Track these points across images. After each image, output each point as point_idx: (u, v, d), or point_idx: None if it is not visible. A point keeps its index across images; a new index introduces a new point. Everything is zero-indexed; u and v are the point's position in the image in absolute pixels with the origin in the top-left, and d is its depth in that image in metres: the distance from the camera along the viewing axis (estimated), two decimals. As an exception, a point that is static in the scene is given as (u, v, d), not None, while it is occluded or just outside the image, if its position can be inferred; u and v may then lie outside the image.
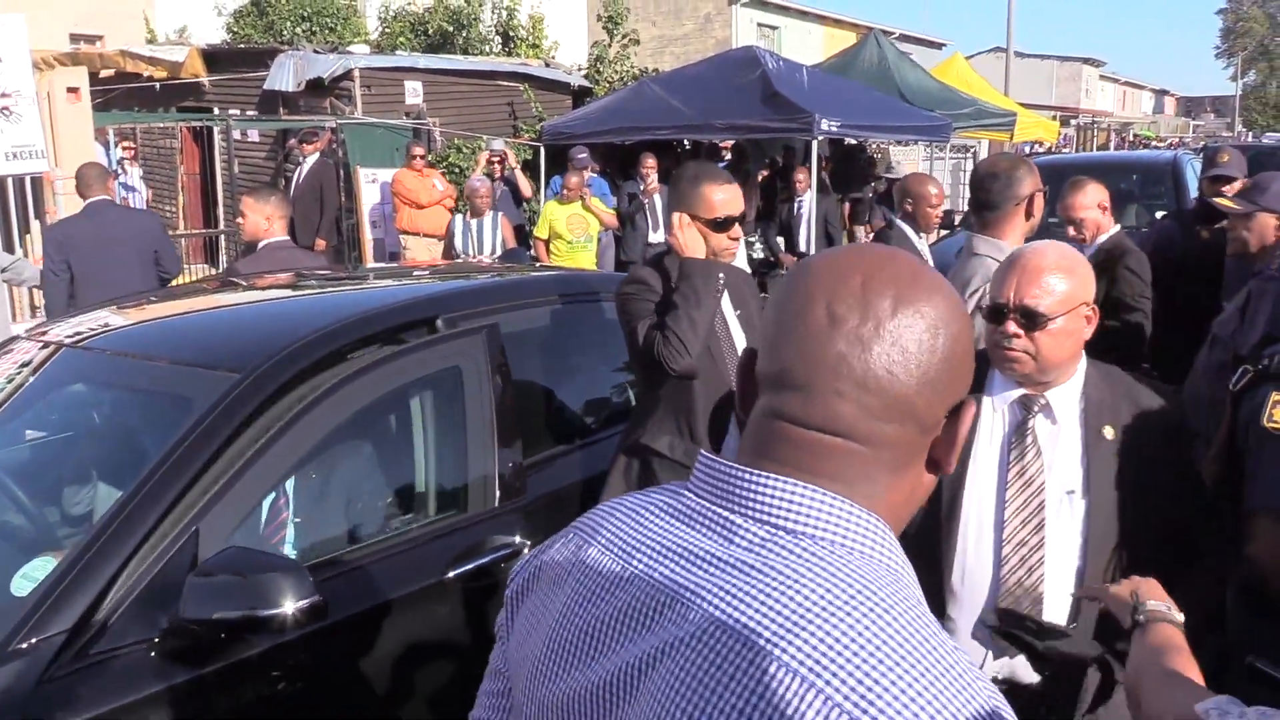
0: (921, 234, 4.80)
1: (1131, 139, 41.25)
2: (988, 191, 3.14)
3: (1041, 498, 2.00)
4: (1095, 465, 2.01)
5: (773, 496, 0.89)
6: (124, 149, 10.86)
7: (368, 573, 2.46)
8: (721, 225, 2.95)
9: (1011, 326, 1.99)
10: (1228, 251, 3.75)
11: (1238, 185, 5.01)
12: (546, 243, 8.26)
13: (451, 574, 2.57)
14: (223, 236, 10.32)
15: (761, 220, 11.61)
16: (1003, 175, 3.15)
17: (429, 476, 2.78)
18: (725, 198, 2.95)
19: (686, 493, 0.96)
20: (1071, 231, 4.19)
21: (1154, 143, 40.05)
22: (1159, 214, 8.34)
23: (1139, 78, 72.02)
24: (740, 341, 3.17)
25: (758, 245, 10.68)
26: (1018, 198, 3.12)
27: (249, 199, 4.81)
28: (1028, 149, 25.38)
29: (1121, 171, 9.13)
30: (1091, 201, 4.16)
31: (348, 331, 2.69)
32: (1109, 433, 2.03)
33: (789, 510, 0.89)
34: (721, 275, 2.96)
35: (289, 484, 2.52)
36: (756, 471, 0.91)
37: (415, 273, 4.22)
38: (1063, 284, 1.98)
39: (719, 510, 0.92)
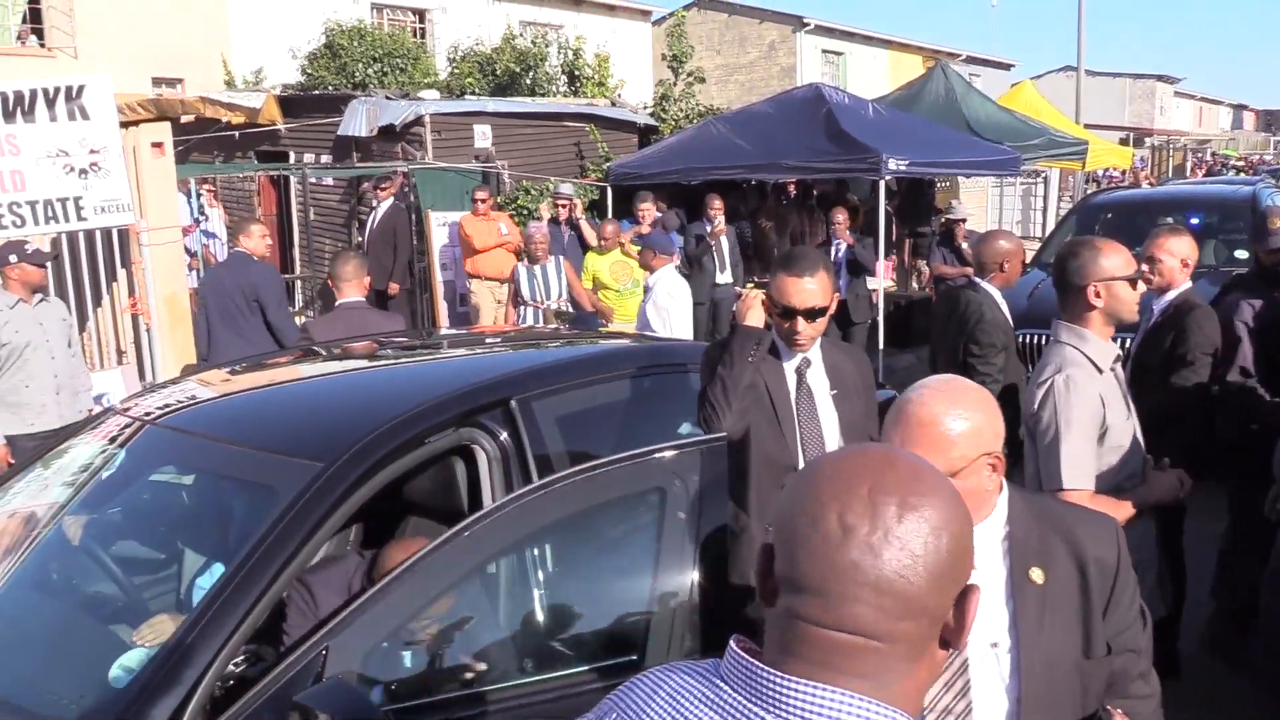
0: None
1: (1209, 158, 40.21)
2: (1062, 271, 3.06)
3: (963, 655, 1.71)
4: (1022, 613, 1.74)
5: (801, 700, 0.97)
6: (206, 190, 11.22)
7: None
8: (786, 314, 2.99)
9: None
10: None
11: None
12: (594, 292, 8.26)
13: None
14: (299, 281, 10.57)
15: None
16: (1078, 255, 3.04)
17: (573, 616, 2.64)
18: (800, 289, 2.99)
19: (723, 686, 1.03)
20: (1146, 269, 4.14)
21: (1234, 160, 39.00)
22: (1238, 252, 8.14)
23: (1215, 93, 70.35)
24: (829, 421, 3.16)
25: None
26: (1089, 280, 2.98)
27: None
28: (1102, 175, 24.92)
29: (1197, 207, 8.91)
30: (1178, 251, 4.15)
31: (425, 417, 2.73)
32: (1037, 575, 1.76)
33: (817, 712, 0.96)
34: (760, 340, 3.05)
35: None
36: (785, 676, 0.98)
37: (487, 340, 4.27)
38: (960, 437, 1.72)
39: (754, 709, 0.99)
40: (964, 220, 9.27)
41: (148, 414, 3.07)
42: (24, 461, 3.45)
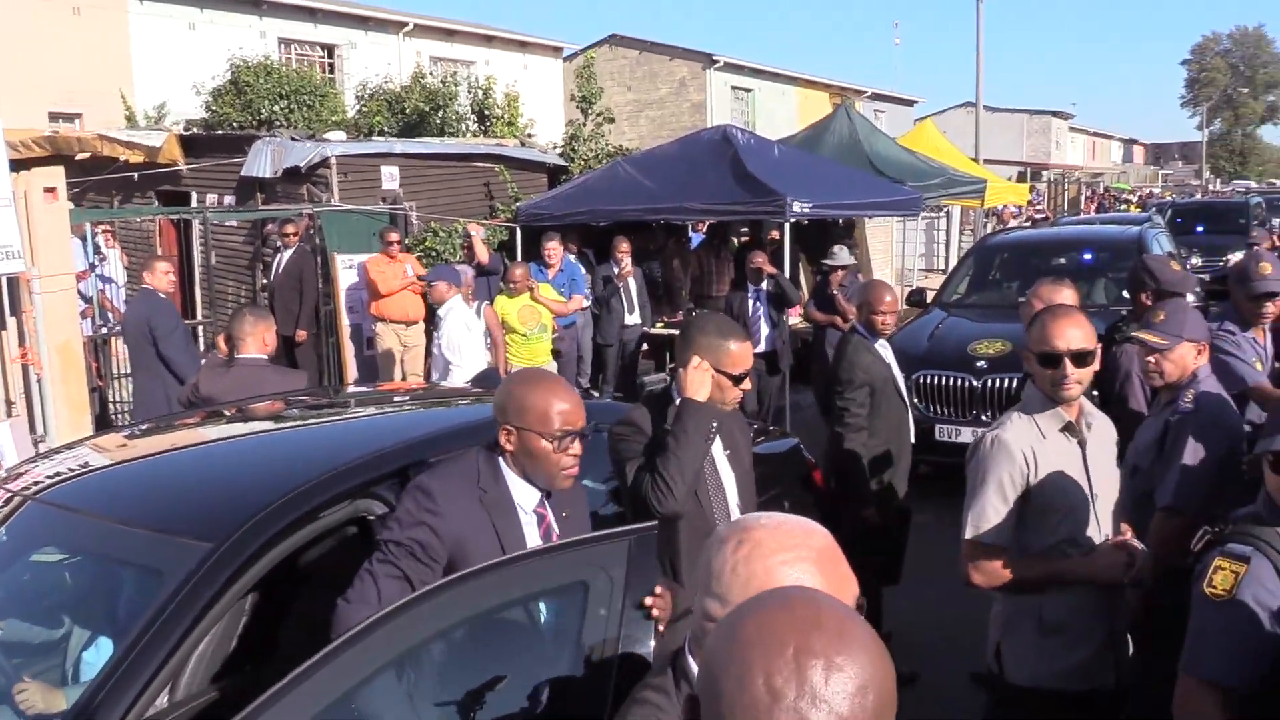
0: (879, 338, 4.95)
1: (1102, 192, 41.90)
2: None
3: None
4: None
5: None
6: (102, 231, 10.91)
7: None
8: (738, 379, 3.09)
9: None
10: (1149, 382, 3.79)
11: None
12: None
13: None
14: (201, 326, 10.33)
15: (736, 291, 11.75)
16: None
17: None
18: (746, 353, 3.11)
19: None
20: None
21: (1126, 195, 40.68)
22: (1126, 292, 8.50)
23: (1108, 128, 73.44)
24: (729, 482, 3.22)
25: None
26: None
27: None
28: (1001, 211, 25.79)
29: (1086, 248, 9.29)
30: (1050, 299, 4.37)
31: (319, 490, 2.71)
32: None
33: None
34: (716, 422, 3.07)
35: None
36: None
37: (397, 398, 4.23)
38: None
39: None
40: (845, 268, 9.00)
41: (31, 486, 2.98)
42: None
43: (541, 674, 2.29)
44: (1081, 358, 2.78)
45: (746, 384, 3.16)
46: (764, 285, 8.67)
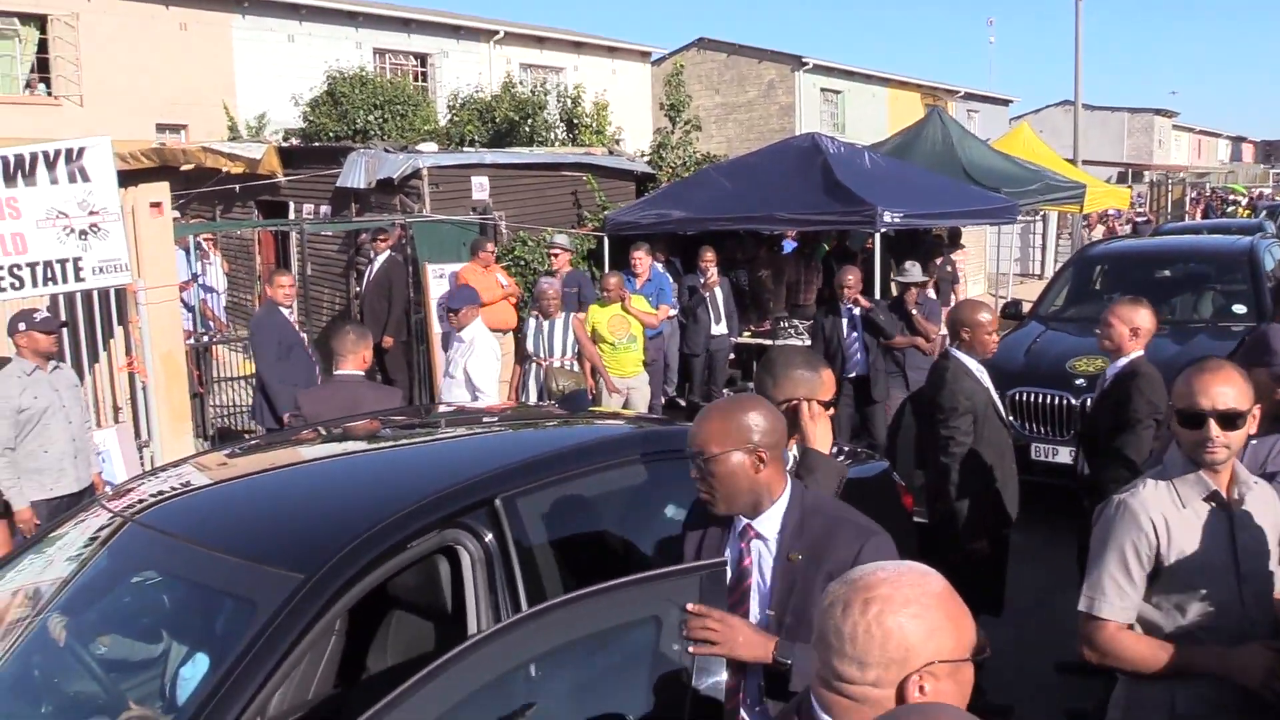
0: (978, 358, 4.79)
1: (1209, 193, 40.31)
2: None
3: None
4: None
5: None
6: (206, 240, 11.29)
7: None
8: (828, 405, 2.99)
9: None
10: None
11: None
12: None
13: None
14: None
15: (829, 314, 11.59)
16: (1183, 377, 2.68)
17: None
18: (829, 379, 3.00)
19: None
20: (1099, 333, 4.64)
21: (1236, 196, 39.06)
22: (1236, 306, 8.15)
23: (1214, 125, 70.71)
24: None
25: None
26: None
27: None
28: (1103, 217, 24.97)
29: (1192, 260, 8.92)
30: (1128, 319, 4.52)
31: (407, 522, 2.73)
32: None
33: None
34: (842, 479, 2.93)
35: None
36: None
37: (484, 419, 4.26)
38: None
39: None
40: (919, 284, 8.47)
41: (132, 507, 3.07)
42: (31, 539, 3.44)
43: (617, 707, 2.35)
44: (1231, 420, 2.48)
45: (832, 409, 3.09)
46: (856, 310, 8.06)
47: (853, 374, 7.93)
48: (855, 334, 8.01)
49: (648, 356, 8.71)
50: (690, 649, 2.31)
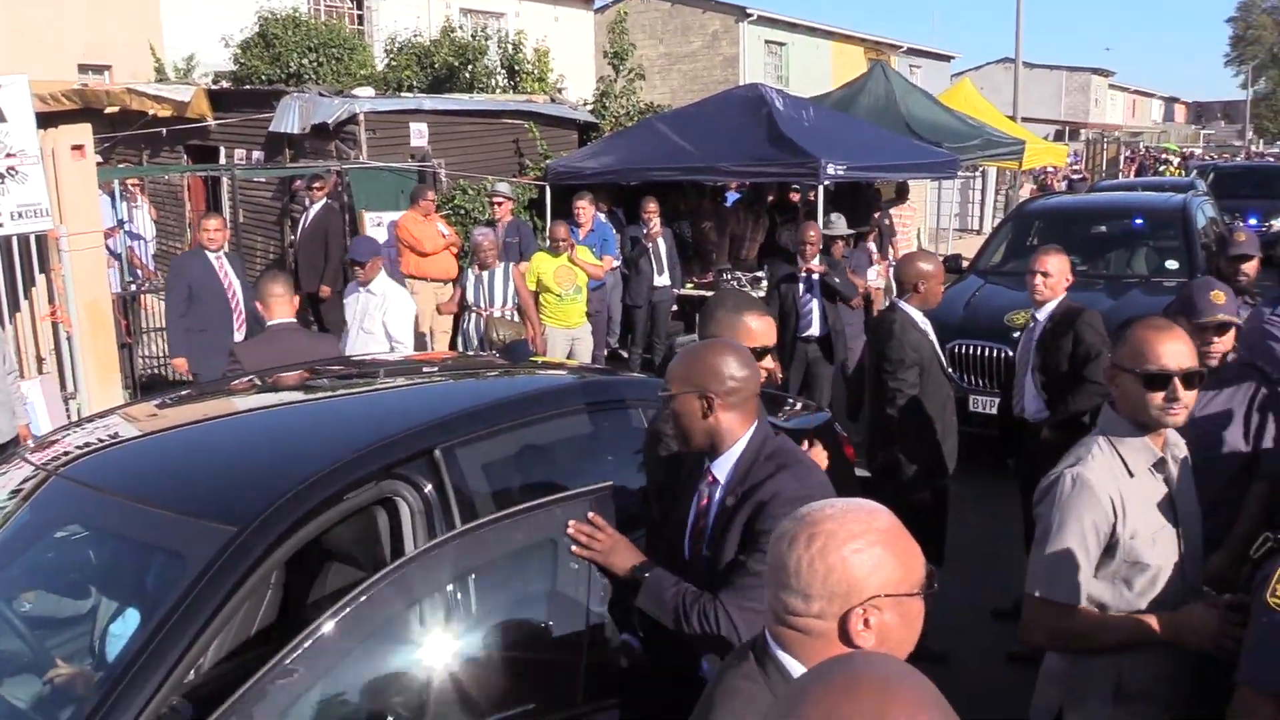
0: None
1: (1142, 152, 41.05)
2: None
3: None
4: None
5: None
6: (133, 185, 10.90)
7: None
8: (759, 354, 2.96)
9: None
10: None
11: (1254, 264, 5.13)
12: (536, 295, 8.13)
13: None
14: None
15: (768, 257, 11.58)
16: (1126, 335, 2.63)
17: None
18: (762, 328, 3.01)
19: None
20: (1032, 281, 4.95)
21: (1168, 155, 39.81)
22: (1169, 262, 8.30)
23: (1148, 85, 71.90)
24: None
25: (764, 282, 10.62)
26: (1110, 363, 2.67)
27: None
28: (1039, 174, 25.30)
29: (1129, 215, 9.05)
30: (1056, 268, 4.92)
31: (343, 473, 2.65)
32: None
33: None
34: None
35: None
36: None
37: (424, 369, 4.17)
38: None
39: None
40: (843, 238, 8.33)
41: (56, 460, 2.95)
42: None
43: (523, 622, 2.63)
44: (1192, 379, 2.43)
45: (768, 362, 3.05)
46: (817, 263, 7.63)
47: (806, 333, 7.62)
48: (810, 294, 7.66)
49: (590, 308, 8.65)
50: (573, 548, 2.56)
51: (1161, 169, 33.99)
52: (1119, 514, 2.43)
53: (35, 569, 2.79)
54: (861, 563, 1.48)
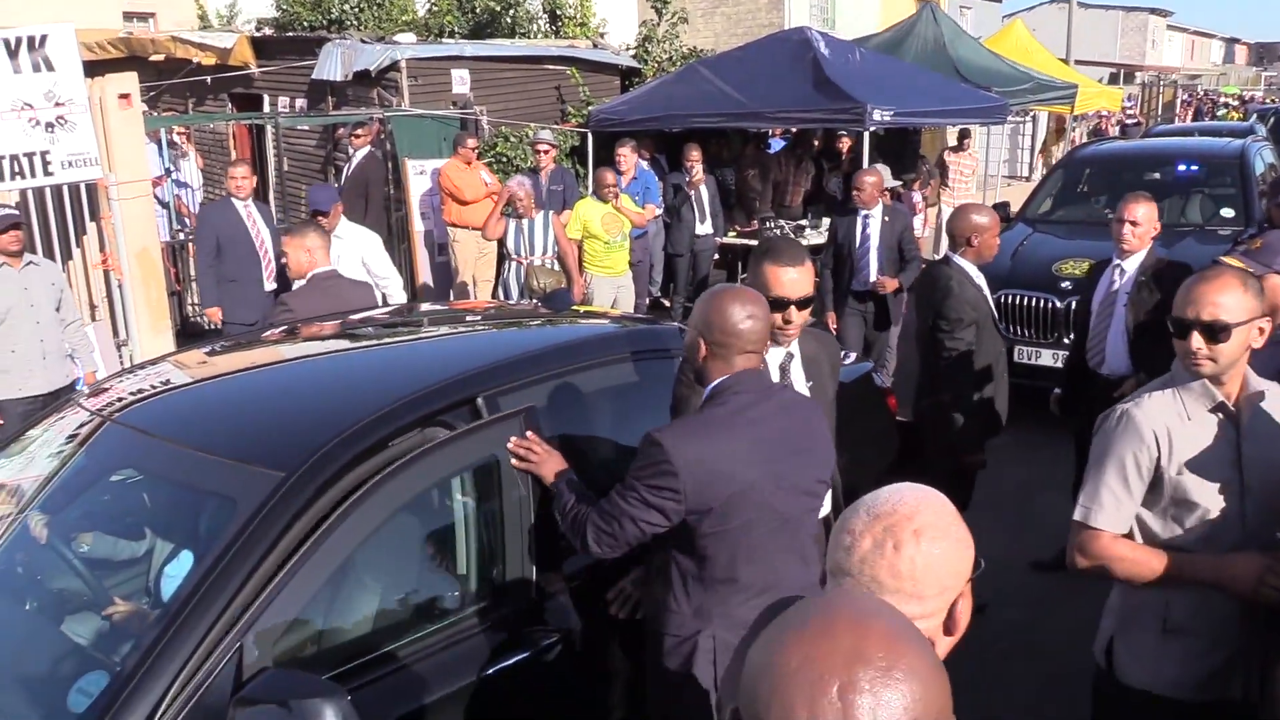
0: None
1: (1200, 95, 39.85)
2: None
3: None
4: None
5: None
6: (179, 135, 11.00)
7: (408, 676, 2.49)
8: (777, 304, 2.95)
9: None
10: None
11: None
12: (580, 242, 8.07)
13: (491, 671, 2.59)
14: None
15: (812, 205, 11.47)
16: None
17: (464, 571, 2.80)
18: (794, 278, 2.99)
19: None
20: (1121, 230, 4.78)
21: (1227, 99, 38.61)
22: (1225, 210, 8.10)
23: (1208, 25, 69.58)
24: None
25: (808, 229, 10.53)
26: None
27: (288, 239, 4.87)
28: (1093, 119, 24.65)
29: (1183, 163, 8.81)
30: (1146, 218, 4.78)
31: (388, 420, 2.69)
32: None
33: None
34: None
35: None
36: None
37: (467, 318, 4.20)
38: None
39: None
40: (889, 189, 7.96)
41: (110, 406, 3.02)
42: (2, 441, 3.40)
43: (478, 531, 2.84)
44: (1214, 332, 2.41)
45: (793, 313, 3.03)
46: (879, 213, 7.10)
47: (861, 287, 7.19)
48: (868, 244, 7.14)
49: (633, 257, 8.62)
50: (512, 461, 2.78)
51: (1221, 113, 33.02)
52: (1163, 450, 2.46)
53: (92, 512, 2.87)
54: (939, 561, 1.44)
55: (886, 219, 7.14)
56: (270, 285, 7.21)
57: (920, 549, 1.41)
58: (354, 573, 2.63)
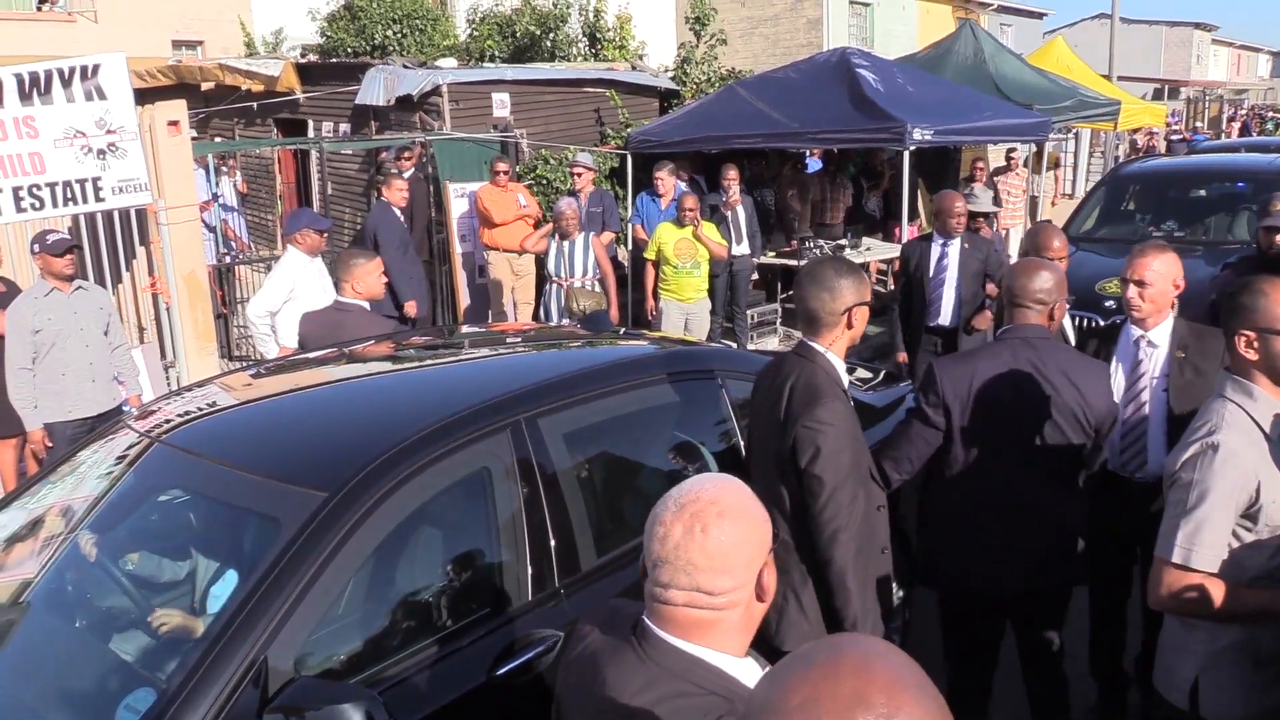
0: None
1: (1247, 110, 39.26)
2: (1223, 312, 2.64)
3: None
4: None
5: None
6: (230, 164, 11.23)
7: (425, 679, 2.50)
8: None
9: None
10: None
11: None
12: (656, 264, 8.09)
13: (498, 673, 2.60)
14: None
15: (851, 225, 11.43)
16: (1238, 296, 2.58)
17: (462, 578, 2.84)
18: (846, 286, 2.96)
19: None
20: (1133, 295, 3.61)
21: (1275, 115, 38.02)
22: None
23: (1254, 39, 68.56)
24: None
25: (847, 250, 10.49)
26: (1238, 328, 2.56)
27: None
28: (1133, 138, 24.36)
29: (1229, 179, 8.67)
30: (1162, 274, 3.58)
31: (428, 443, 2.72)
32: None
33: None
34: None
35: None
36: None
37: (507, 340, 4.23)
38: None
39: None
40: (986, 215, 6.89)
41: (159, 427, 3.07)
42: (52, 463, 3.47)
43: (472, 545, 2.91)
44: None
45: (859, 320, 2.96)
46: (959, 241, 6.49)
47: (934, 322, 6.59)
48: (944, 275, 6.53)
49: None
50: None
51: (1268, 128, 32.50)
52: (1261, 480, 2.41)
53: (140, 531, 2.92)
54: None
55: (967, 246, 6.52)
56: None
57: (725, 530, 1.54)
58: (372, 582, 2.66)
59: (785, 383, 2.93)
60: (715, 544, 1.54)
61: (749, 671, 1.57)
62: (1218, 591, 2.42)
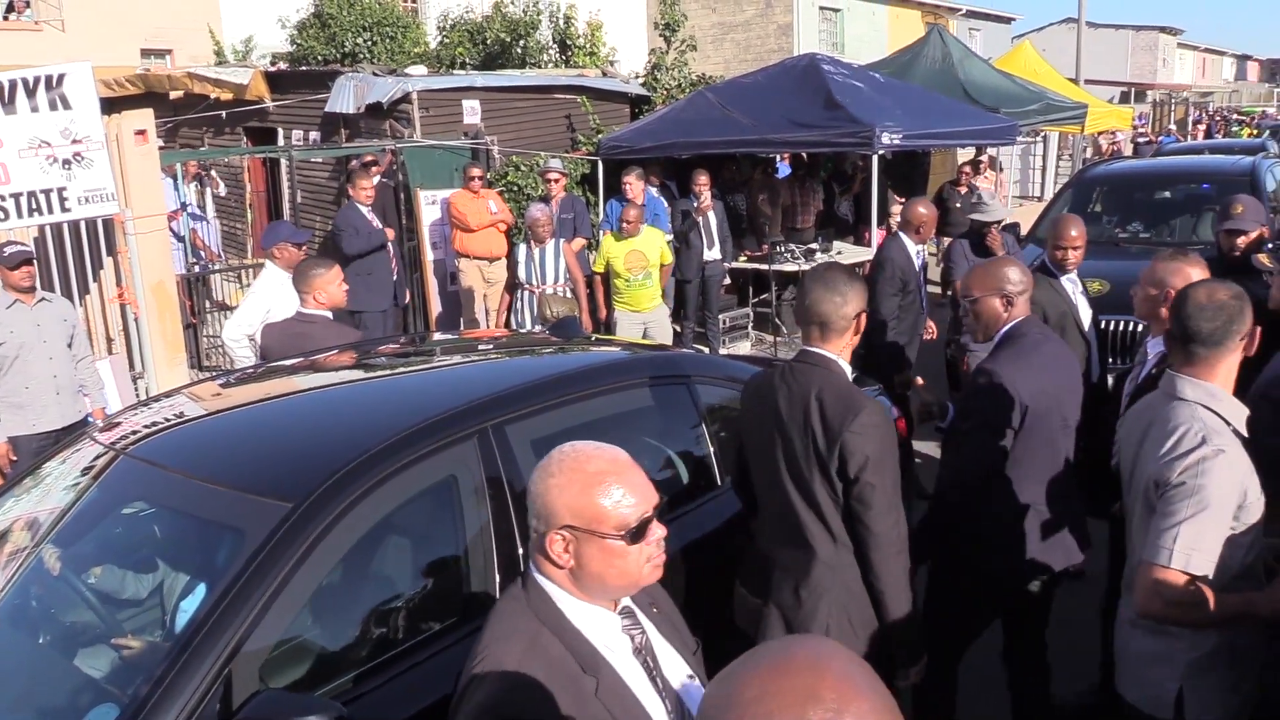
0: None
1: (1212, 113, 39.77)
2: (1199, 324, 2.57)
3: None
4: None
5: None
6: (205, 173, 11.15)
7: (392, 690, 2.50)
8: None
9: None
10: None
11: (1253, 236, 4.93)
12: (605, 278, 8.04)
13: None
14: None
15: (823, 229, 11.48)
16: (1225, 309, 2.55)
17: (429, 587, 2.85)
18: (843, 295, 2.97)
19: None
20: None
21: (1242, 116, 38.51)
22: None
23: (1219, 43, 69.49)
24: None
25: (819, 254, 10.53)
26: (1239, 334, 2.58)
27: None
28: (1097, 142, 24.62)
29: (1193, 181, 8.80)
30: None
31: (395, 450, 2.72)
32: None
33: None
34: None
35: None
36: None
37: (477, 348, 4.23)
38: None
39: None
40: (999, 222, 6.73)
41: (123, 439, 3.05)
42: (16, 476, 3.44)
43: (439, 554, 2.91)
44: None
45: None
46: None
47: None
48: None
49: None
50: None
51: (1233, 130, 32.93)
52: (1250, 484, 2.43)
53: (104, 545, 2.89)
54: (558, 494, 1.73)
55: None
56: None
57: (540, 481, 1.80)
58: (338, 593, 2.65)
59: (809, 394, 2.82)
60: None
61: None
62: (1211, 596, 2.40)
